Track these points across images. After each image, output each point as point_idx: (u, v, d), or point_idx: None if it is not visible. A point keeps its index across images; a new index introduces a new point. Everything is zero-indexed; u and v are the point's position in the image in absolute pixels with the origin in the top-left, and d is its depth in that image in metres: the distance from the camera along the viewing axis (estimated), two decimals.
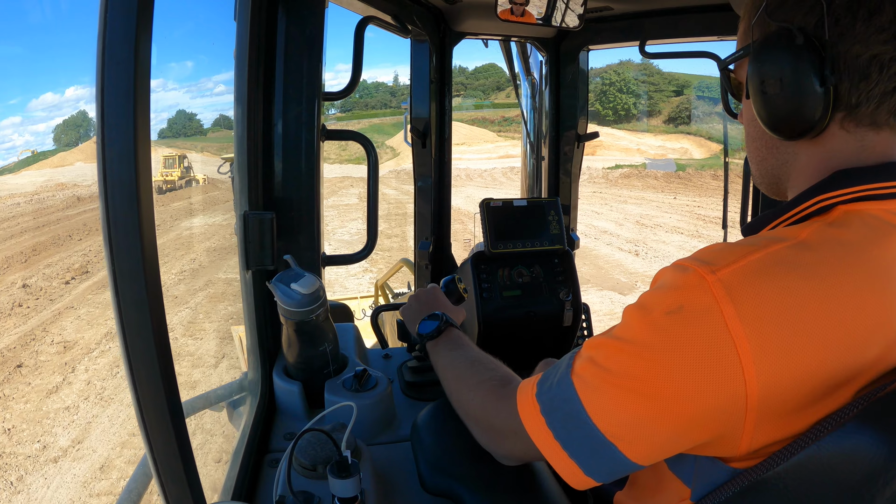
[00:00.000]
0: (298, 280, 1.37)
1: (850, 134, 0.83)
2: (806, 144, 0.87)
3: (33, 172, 43.35)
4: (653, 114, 51.66)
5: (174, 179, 29.85)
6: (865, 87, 0.78)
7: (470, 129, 51.71)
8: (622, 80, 52.99)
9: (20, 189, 34.61)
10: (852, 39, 0.77)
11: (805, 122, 0.82)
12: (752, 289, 0.71)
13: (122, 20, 0.68)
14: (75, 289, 14.51)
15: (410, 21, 2.26)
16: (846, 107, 0.80)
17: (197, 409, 1.58)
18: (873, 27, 0.76)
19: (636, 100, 52.87)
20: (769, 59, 0.84)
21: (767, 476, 0.72)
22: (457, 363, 1.22)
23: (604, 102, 52.96)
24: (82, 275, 15.75)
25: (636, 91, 53.08)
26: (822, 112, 0.80)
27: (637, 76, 53.42)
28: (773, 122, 0.87)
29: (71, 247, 19.04)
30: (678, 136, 44.85)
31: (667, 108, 50.93)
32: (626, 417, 0.77)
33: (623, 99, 52.94)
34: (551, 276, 2.09)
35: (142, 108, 0.69)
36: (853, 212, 0.79)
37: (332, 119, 61.83)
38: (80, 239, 20.14)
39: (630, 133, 47.02)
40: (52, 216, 25.23)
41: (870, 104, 0.79)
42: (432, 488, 1.23)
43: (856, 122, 0.81)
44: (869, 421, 0.67)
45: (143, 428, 0.82)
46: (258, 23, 1.47)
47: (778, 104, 0.84)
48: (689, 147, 41.46)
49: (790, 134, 0.86)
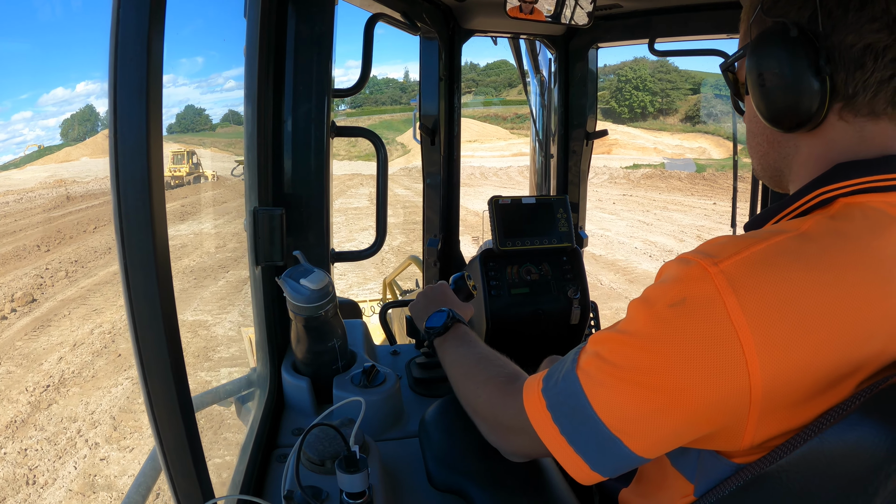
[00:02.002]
0: (308, 276, 1.38)
1: (849, 124, 0.83)
2: (806, 136, 0.88)
3: (38, 167, 43.37)
4: (669, 112, 51.10)
5: (182, 175, 30.00)
6: (861, 77, 0.79)
7: (482, 126, 51.47)
8: (638, 78, 52.42)
9: (18, 185, 34.28)
10: (845, 30, 0.79)
11: (803, 113, 0.83)
12: (754, 280, 0.72)
13: (134, 17, 0.68)
14: (6, 330, 11.62)
15: (420, 18, 2.26)
16: (843, 97, 0.81)
17: (206, 404, 1.59)
18: (865, 17, 0.77)
19: (652, 97, 52.26)
20: (765, 53, 0.86)
21: (770, 470, 0.73)
22: (464, 360, 1.22)
23: (619, 100, 52.38)
24: (25, 305, 13.04)
25: (652, 89, 52.45)
26: (819, 103, 0.81)
27: (653, 73, 52.79)
28: (772, 114, 0.88)
29: (31, 261, 16.89)
30: (695, 135, 44.29)
31: (683, 106, 50.38)
32: (631, 411, 0.78)
33: (639, 97, 52.37)
34: (559, 274, 2.09)
35: (154, 104, 0.70)
36: (854, 204, 0.79)
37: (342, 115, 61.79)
38: (47, 250, 18.26)
39: (646, 131, 46.37)
40: (33, 218, 24.20)
41: (866, 93, 0.80)
42: (440, 484, 1.23)
43: (854, 111, 0.82)
44: (872, 413, 0.67)
45: (153, 422, 0.83)
46: (268, 20, 1.48)
47: (776, 97, 0.86)
48: (706, 147, 40.77)
49: (789, 126, 0.87)
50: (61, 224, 22.37)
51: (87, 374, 9.35)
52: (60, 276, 15.34)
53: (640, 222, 20.02)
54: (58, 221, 22.97)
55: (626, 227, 18.78)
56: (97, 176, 35.86)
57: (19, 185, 34.63)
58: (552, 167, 3.03)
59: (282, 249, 1.47)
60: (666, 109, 51.68)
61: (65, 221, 22.87)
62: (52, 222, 22.88)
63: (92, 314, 12.28)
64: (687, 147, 41.78)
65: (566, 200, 2.10)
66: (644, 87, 52.69)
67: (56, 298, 13.59)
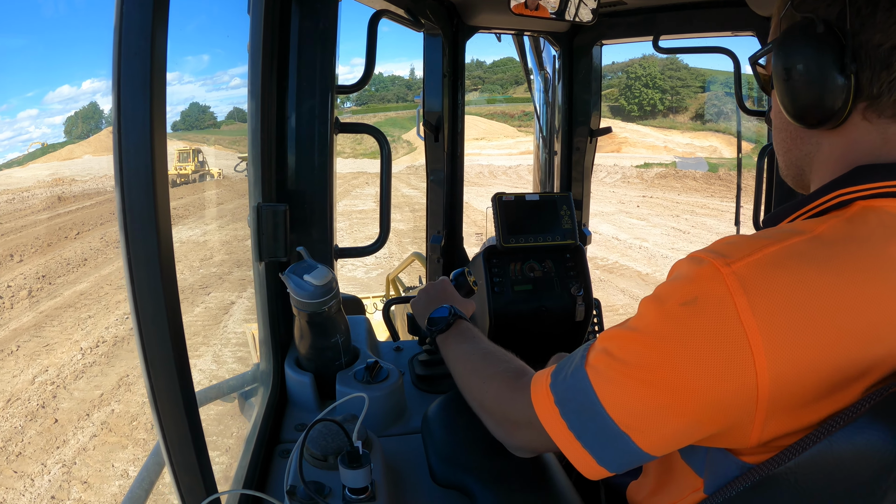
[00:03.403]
0: (311, 272, 1.38)
1: (872, 125, 0.83)
2: (829, 135, 0.88)
3: (40, 165, 42.99)
4: (679, 110, 50.52)
5: (188, 173, 30.02)
6: (887, 77, 0.79)
7: (489, 124, 51.16)
8: (648, 75, 51.65)
9: (15, 185, 33.35)
10: (873, 29, 0.78)
11: (826, 109, 0.83)
12: (766, 282, 0.72)
13: (138, 11, 0.68)
14: None
15: (423, 15, 2.26)
16: (868, 96, 0.81)
17: (209, 399, 1.59)
18: (895, 17, 0.77)
19: (662, 95, 51.49)
20: (791, 48, 0.86)
21: (779, 471, 0.73)
22: (468, 356, 1.23)
23: (628, 97, 51.61)
24: None
25: (662, 86, 51.64)
26: (843, 101, 0.81)
27: (663, 71, 51.96)
28: (796, 109, 0.88)
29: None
30: (706, 133, 43.66)
31: (693, 104, 49.83)
32: (640, 408, 0.78)
33: (649, 94, 51.54)
34: (563, 271, 2.08)
35: (158, 98, 0.70)
36: (871, 208, 0.79)
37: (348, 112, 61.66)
38: (20, 260, 16.36)
39: (656, 129, 45.78)
40: (17, 222, 22.27)
41: (892, 94, 0.79)
42: (442, 480, 1.23)
43: (878, 112, 0.82)
44: (881, 416, 0.67)
45: (156, 417, 0.83)
46: (272, 16, 1.48)
47: (800, 92, 0.85)
48: (717, 145, 40.19)
49: (812, 122, 0.87)
50: (45, 228, 20.74)
51: (12, 450, 7.18)
52: (22, 297, 13.56)
53: (674, 230, 19.17)
54: (42, 225, 21.42)
55: (662, 237, 17.93)
56: (96, 175, 35.26)
57: (17, 183, 33.85)
58: (556, 164, 3.02)
59: (285, 245, 1.48)
60: (676, 107, 50.85)
61: (50, 225, 21.28)
62: (36, 226, 21.41)
63: (41, 352, 10.31)
64: (697, 146, 41.23)
65: (570, 197, 2.10)
66: (654, 85, 51.91)
67: (8, 327, 11.67)
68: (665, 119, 50.02)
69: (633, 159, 36.25)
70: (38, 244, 18.36)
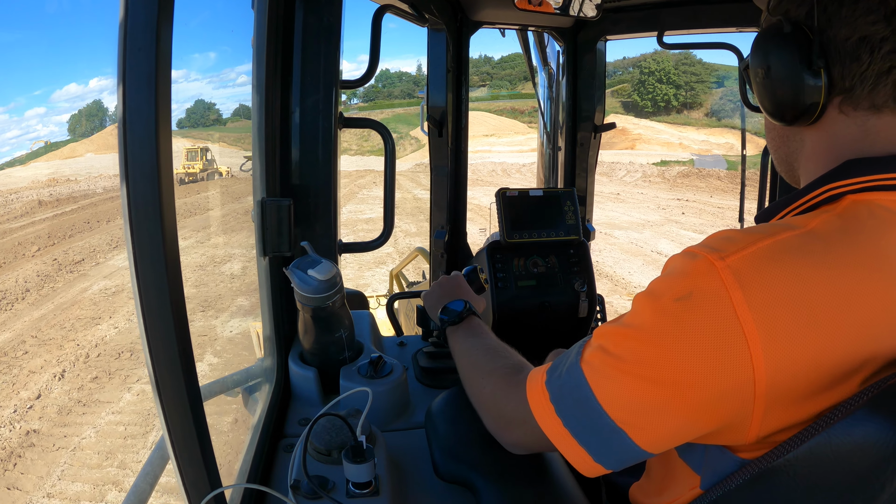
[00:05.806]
0: (315, 266, 1.38)
1: (850, 118, 0.84)
2: (809, 131, 0.90)
3: (42, 164, 42.73)
4: (693, 106, 49.84)
5: (196, 172, 30.06)
6: (858, 69, 0.80)
7: (499, 120, 50.87)
8: (661, 70, 51.07)
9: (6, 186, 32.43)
10: (840, 24, 0.80)
11: (799, 106, 0.85)
12: (761, 275, 0.72)
13: (143, 5, 0.68)
14: None
15: (427, 10, 2.25)
16: (841, 90, 0.82)
17: (214, 393, 1.59)
18: (860, 10, 0.78)
19: (676, 91, 50.90)
20: (762, 50, 0.89)
21: (777, 464, 0.73)
22: (473, 350, 1.23)
23: (642, 93, 51.17)
24: None
25: (676, 81, 51.01)
26: (815, 96, 0.83)
27: (677, 66, 51.32)
28: (773, 108, 0.91)
29: None
30: (721, 129, 43.31)
31: (708, 99, 49.29)
32: (636, 404, 0.78)
33: (662, 89, 51.01)
34: (566, 267, 2.08)
35: (163, 93, 0.70)
36: (861, 202, 0.79)
37: (354, 109, 61.50)
38: None
39: (670, 126, 45.04)
40: None
41: (864, 86, 0.81)
42: (446, 475, 1.24)
43: (853, 105, 0.83)
44: (879, 409, 0.67)
45: (161, 411, 0.83)
46: (276, 11, 1.48)
47: (774, 91, 0.89)
48: (733, 142, 39.27)
49: (789, 119, 0.89)
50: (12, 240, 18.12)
51: None
52: None
53: None
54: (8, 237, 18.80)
55: None
56: (90, 174, 34.58)
57: (9, 185, 32.83)
58: (560, 160, 3.02)
59: (289, 240, 1.48)
60: (690, 103, 50.40)
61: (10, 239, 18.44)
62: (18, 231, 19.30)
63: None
64: (713, 143, 40.69)
65: (573, 193, 2.10)
66: (668, 80, 51.26)
67: None
68: (679, 115, 49.44)
69: (649, 156, 35.52)
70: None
